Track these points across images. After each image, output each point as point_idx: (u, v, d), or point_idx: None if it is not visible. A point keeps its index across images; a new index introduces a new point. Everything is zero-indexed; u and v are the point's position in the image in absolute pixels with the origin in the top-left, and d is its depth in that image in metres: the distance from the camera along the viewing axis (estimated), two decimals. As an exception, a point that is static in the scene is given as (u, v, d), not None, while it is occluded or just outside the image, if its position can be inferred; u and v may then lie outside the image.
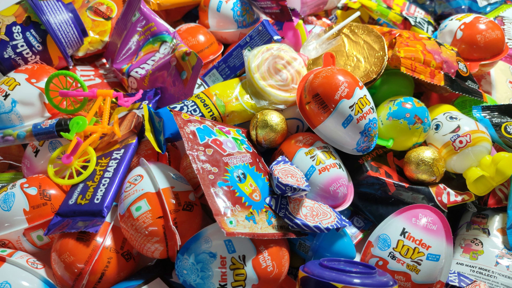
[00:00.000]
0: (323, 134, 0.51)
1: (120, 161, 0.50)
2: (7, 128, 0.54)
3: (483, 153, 0.51)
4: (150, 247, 0.44)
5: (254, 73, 0.54)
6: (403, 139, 0.53)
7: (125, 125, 0.55)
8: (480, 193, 0.50)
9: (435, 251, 0.45)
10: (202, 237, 0.42)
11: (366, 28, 0.60)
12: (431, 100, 0.66)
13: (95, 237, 0.45)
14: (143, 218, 0.43)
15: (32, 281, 0.44)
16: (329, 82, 0.48)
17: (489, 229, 0.53)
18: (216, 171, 0.43)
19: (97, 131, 0.52)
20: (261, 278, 0.42)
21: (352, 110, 0.48)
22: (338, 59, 0.59)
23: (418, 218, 0.47)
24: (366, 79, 0.55)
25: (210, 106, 0.53)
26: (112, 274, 0.45)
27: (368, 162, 0.53)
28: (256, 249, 0.42)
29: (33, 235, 0.48)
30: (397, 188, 0.51)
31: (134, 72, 0.61)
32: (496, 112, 0.56)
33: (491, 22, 0.62)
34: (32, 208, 0.48)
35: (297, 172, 0.47)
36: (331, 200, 0.49)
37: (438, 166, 0.51)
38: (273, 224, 0.44)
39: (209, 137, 0.47)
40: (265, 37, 0.60)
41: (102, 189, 0.48)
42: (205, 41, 0.68)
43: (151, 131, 0.50)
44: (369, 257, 0.47)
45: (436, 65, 0.56)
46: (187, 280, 0.42)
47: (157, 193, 0.44)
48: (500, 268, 0.49)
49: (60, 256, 0.44)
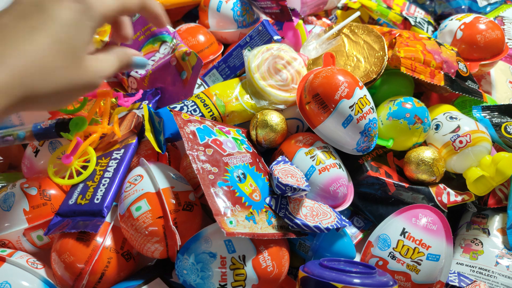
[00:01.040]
0: (323, 134, 0.51)
1: (120, 161, 0.50)
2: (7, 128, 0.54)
3: (483, 153, 0.51)
4: (150, 247, 0.44)
5: (254, 73, 0.54)
6: (403, 139, 0.53)
7: (125, 125, 0.55)
8: (480, 193, 0.50)
9: (435, 251, 0.45)
10: (202, 237, 0.42)
11: (366, 28, 0.60)
12: (431, 100, 0.66)
13: (95, 237, 0.45)
14: (143, 218, 0.43)
15: (32, 281, 0.44)
16: (329, 82, 0.48)
17: (489, 229, 0.53)
18: (216, 171, 0.43)
19: (97, 131, 0.52)
20: (261, 278, 0.42)
21: (352, 110, 0.48)
22: (338, 59, 0.59)
23: (418, 218, 0.47)
24: (366, 79, 0.55)
25: (210, 106, 0.53)
26: (112, 274, 0.45)
27: (368, 162, 0.53)
28: (256, 249, 0.42)
29: (33, 235, 0.48)
30: (397, 188, 0.51)
31: (134, 72, 0.61)
32: (496, 112, 0.56)
33: (491, 22, 0.62)
34: (32, 208, 0.48)
35: (297, 172, 0.47)
36: (331, 200, 0.49)
37: (438, 166, 0.51)
38: (273, 224, 0.44)
39: (209, 137, 0.47)
40: (265, 37, 0.60)
41: (102, 189, 0.48)
42: (205, 41, 0.68)
43: (151, 131, 0.50)
44: (369, 257, 0.47)
45: (436, 65, 0.56)
46: (187, 280, 0.42)
47: (157, 193, 0.44)
48: (500, 268, 0.49)
49: (60, 256, 0.44)
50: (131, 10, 0.40)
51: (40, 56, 0.32)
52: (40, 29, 0.33)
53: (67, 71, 0.34)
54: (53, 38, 0.33)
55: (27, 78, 0.32)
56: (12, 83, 0.31)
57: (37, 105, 0.34)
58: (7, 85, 0.31)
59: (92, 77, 0.36)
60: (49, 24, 0.33)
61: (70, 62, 0.34)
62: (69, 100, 0.36)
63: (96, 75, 0.37)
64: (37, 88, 0.32)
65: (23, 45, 0.32)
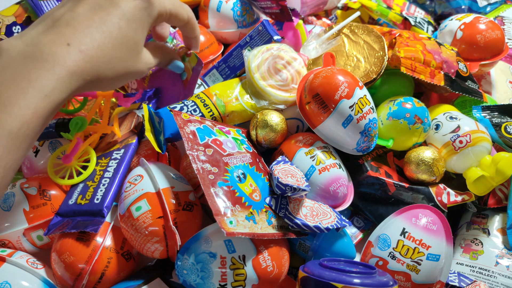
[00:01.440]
0: (323, 134, 0.51)
1: (120, 161, 0.50)
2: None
3: (483, 153, 0.51)
4: (150, 247, 0.44)
5: (254, 73, 0.54)
6: (403, 139, 0.53)
7: (125, 125, 0.55)
8: (480, 193, 0.50)
9: (435, 251, 0.45)
10: (202, 237, 0.42)
11: (366, 28, 0.60)
12: (431, 100, 0.66)
13: (95, 237, 0.45)
14: (143, 218, 0.43)
15: (32, 281, 0.44)
16: (329, 82, 0.48)
17: (489, 229, 0.53)
18: (216, 171, 0.43)
19: (97, 131, 0.52)
20: (261, 278, 0.42)
21: (352, 110, 0.48)
22: (338, 59, 0.59)
23: (418, 218, 0.47)
24: (366, 79, 0.55)
25: (210, 106, 0.53)
26: (112, 274, 0.45)
27: (368, 162, 0.53)
28: (256, 249, 0.42)
29: (33, 235, 0.48)
30: (397, 188, 0.51)
31: None
32: (496, 112, 0.56)
33: (491, 22, 0.62)
34: (32, 208, 0.48)
35: (297, 172, 0.47)
36: (331, 200, 0.49)
37: (438, 166, 0.51)
38: (273, 224, 0.44)
39: (209, 137, 0.47)
40: (265, 37, 0.60)
41: (102, 189, 0.48)
42: (205, 41, 0.68)
43: (151, 131, 0.50)
44: (369, 257, 0.47)
45: (436, 65, 0.56)
46: (187, 280, 0.42)
47: (157, 193, 0.44)
48: (500, 268, 0.49)
49: (60, 256, 0.44)
50: (180, 19, 0.46)
51: (108, 47, 0.37)
52: (110, 21, 0.37)
53: (127, 61, 0.40)
54: (119, 32, 0.38)
55: (96, 66, 0.36)
56: (84, 67, 0.35)
57: (97, 87, 0.39)
58: (80, 69, 0.35)
59: (143, 67, 0.43)
60: (118, 17, 0.38)
61: (130, 55, 0.40)
62: (122, 83, 0.42)
63: (146, 66, 0.43)
64: (102, 74, 0.37)
65: (95, 34, 0.36)
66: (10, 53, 0.33)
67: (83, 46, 0.35)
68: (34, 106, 0.32)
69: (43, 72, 0.33)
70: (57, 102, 0.34)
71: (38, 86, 0.33)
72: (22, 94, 0.32)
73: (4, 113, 0.31)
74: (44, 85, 0.33)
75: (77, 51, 0.35)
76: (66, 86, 0.34)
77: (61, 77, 0.34)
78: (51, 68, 0.33)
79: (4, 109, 0.31)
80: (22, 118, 0.32)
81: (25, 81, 0.32)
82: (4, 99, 0.31)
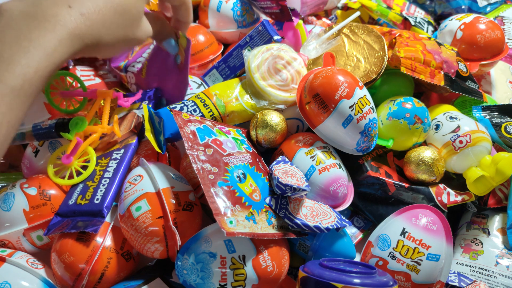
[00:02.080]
0: (323, 134, 0.51)
1: (120, 161, 0.50)
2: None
3: (483, 153, 0.50)
4: (150, 247, 0.44)
5: (254, 73, 0.54)
6: (403, 139, 0.53)
7: (125, 125, 0.55)
8: (480, 193, 0.50)
9: (435, 251, 0.45)
10: (202, 237, 0.42)
11: (366, 28, 0.60)
12: (431, 100, 0.66)
13: (95, 237, 0.45)
14: (143, 218, 0.43)
15: (32, 281, 0.44)
16: (329, 82, 0.48)
17: (489, 229, 0.53)
18: (216, 171, 0.43)
19: (97, 131, 0.52)
20: (261, 278, 0.42)
21: (352, 110, 0.48)
22: (338, 59, 0.59)
23: (418, 218, 0.47)
24: (366, 79, 0.55)
25: (210, 106, 0.53)
26: (112, 274, 0.45)
27: (368, 162, 0.53)
28: (256, 249, 0.42)
29: (33, 235, 0.48)
30: (397, 188, 0.51)
31: (131, 67, 0.62)
32: (496, 112, 0.56)
33: (491, 22, 0.62)
34: (32, 208, 0.48)
35: (297, 172, 0.47)
36: (331, 200, 0.49)
37: (438, 166, 0.51)
38: (273, 224, 0.44)
39: (209, 137, 0.47)
40: (265, 37, 0.60)
41: (102, 189, 0.48)
42: (205, 41, 0.68)
43: (151, 131, 0.50)
44: (369, 257, 0.47)
45: (436, 65, 0.56)
46: (187, 280, 0.42)
47: (157, 193, 0.44)
48: (500, 268, 0.49)
49: (60, 256, 0.44)
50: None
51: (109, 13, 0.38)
52: None
53: (126, 28, 0.41)
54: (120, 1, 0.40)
55: (96, 30, 0.38)
56: (85, 31, 0.36)
57: (96, 52, 0.40)
58: (81, 32, 0.36)
59: (142, 35, 0.44)
60: None
61: (130, 22, 0.41)
62: (120, 51, 0.44)
63: (144, 34, 0.45)
64: (102, 38, 0.38)
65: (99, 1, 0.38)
66: (12, 13, 0.34)
67: (84, 9, 0.36)
68: (35, 65, 0.33)
69: (44, 32, 0.34)
70: (57, 62, 0.35)
71: (39, 46, 0.33)
72: (24, 53, 0.33)
73: (7, 71, 0.32)
74: (45, 45, 0.34)
75: (78, 13, 0.36)
76: (66, 48, 0.35)
77: (62, 38, 0.34)
78: (52, 29, 0.34)
79: (7, 67, 0.32)
80: (24, 76, 0.32)
81: (27, 40, 0.33)
82: (7, 57, 0.32)
